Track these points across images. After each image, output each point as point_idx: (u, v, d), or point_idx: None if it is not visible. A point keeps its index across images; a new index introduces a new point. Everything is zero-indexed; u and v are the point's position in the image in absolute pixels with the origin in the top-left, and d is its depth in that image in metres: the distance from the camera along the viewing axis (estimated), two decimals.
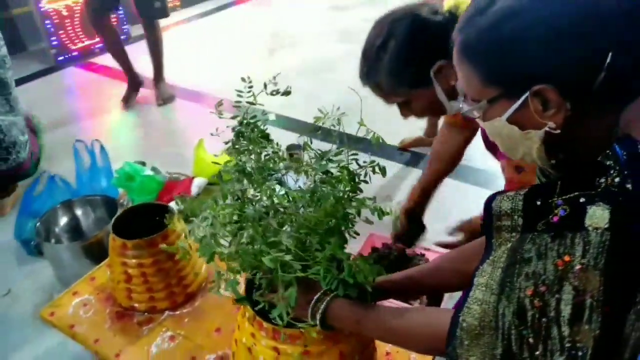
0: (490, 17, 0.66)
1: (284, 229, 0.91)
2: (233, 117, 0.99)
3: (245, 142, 1.01)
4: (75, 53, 4.34)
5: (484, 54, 0.68)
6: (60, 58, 4.25)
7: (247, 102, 0.99)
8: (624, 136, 0.62)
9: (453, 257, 0.96)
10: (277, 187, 1.01)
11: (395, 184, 2.49)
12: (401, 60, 1.17)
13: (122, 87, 3.81)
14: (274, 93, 1.01)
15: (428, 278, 1.01)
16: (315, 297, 0.93)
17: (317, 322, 0.94)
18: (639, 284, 0.56)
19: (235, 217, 0.92)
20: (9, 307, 1.87)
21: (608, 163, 0.61)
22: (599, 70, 0.61)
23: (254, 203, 0.93)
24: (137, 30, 4.90)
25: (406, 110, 1.25)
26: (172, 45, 4.64)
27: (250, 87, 0.99)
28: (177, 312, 1.47)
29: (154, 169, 2.32)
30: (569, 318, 0.58)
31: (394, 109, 1.35)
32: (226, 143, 1.05)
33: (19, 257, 2.08)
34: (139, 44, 4.72)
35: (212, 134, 1.02)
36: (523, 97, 0.65)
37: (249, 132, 0.99)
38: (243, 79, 0.99)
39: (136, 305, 1.47)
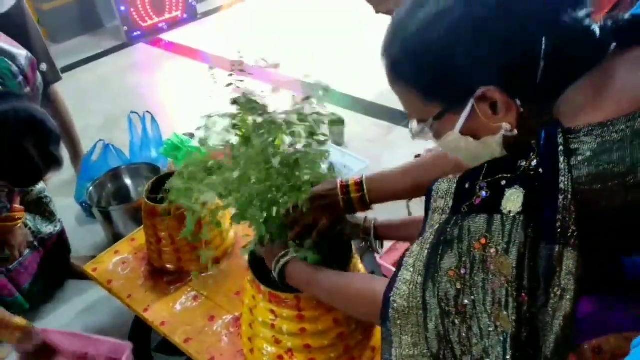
0: (412, 31, 0.62)
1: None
2: (228, 85, 1.04)
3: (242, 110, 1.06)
4: (144, 30, 4.58)
5: (415, 71, 0.64)
6: (131, 34, 4.49)
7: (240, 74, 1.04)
8: (554, 120, 0.59)
9: None
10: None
11: None
12: None
13: (184, 62, 4.00)
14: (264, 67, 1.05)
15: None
16: (280, 254, 0.99)
17: (276, 278, 0.99)
18: (554, 273, 0.55)
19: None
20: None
21: (533, 146, 0.59)
22: (537, 60, 0.57)
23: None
24: (203, 7, 5.08)
25: None
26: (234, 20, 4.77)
27: (241, 60, 1.04)
28: (203, 274, 1.57)
29: (200, 140, 2.43)
30: (489, 302, 0.57)
31: None
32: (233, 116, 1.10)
33: (79, 218, 2.29)
34: (204, 20, 4.90)
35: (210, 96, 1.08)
36: (469, 105, 0.62)
37: (245, 102, 1.04)
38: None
39: (166, 265, 1.58)
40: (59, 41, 4.53)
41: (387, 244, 1.86)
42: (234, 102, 1.04)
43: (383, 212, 1.11)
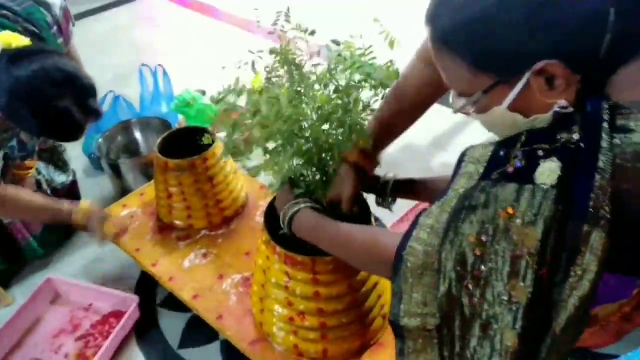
0: None
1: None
2: (270, 32, 0.98)
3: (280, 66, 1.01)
4: None
5: (468, 39, 0.59)
6: None
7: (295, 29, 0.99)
8: (602, 94, 0.57)
9: None
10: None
11: (453, 131, 2.39)
12: None
13: (196, 17, 3.90)
14: (303, 31, 1.00)
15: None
16: (292, 201, 0.96)
17: (285, 225, 0.96)
18: (578, 253, 0.53)
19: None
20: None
21: (576, 117, 0.56)
22: (603, 32, 0.53)
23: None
24: None
25: None
26: None
27: (287, 14, 0.99)
28: (212, 233, 1.55)
29: (212, 98, 2.38)
30: (507, 272, 0.56)
31: None
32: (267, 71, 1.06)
33: (87, 169, 2.26)
34: None
35: (250, 51, 1.02)
36: (524, 78, 0.58)
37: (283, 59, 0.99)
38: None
39: (176, 221, 1.55)
40: None
41: (396, 216, 1.84)
42: (272, 51, 1.00)
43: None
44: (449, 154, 2.28)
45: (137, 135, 2.12)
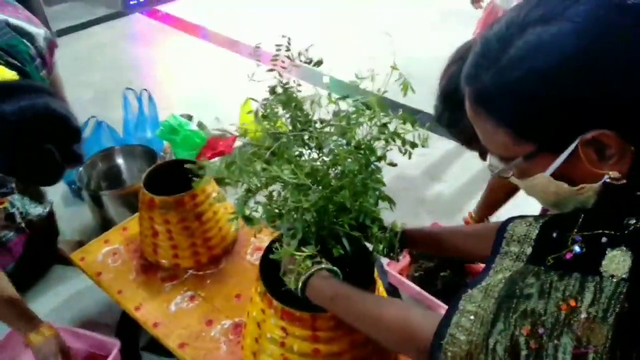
0: (513, 55, 0.52)
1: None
2: (270, 70, 0.92)
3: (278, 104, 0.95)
4: None
5: (511, 103, 0.54)
6: (128, 3, 4.29)
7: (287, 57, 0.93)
8: None
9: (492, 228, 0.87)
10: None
11: (448, 161, 2.35)
12: None
13: (182, 37, 3.83)
14: (307, 62, 0.94)
15: (460, 241, 0.94)
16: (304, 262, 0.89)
17: (298, 289, 0.89)
18: None
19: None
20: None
21: None
22: None
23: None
24: None
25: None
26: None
27: (288, 48, 0.93)
28: (201, 273, 1.46)
29: (199, 124, 2.30)
30: None
31: None
32: (264, 101, 0.99)
33: (66, 198, 2.15)
34: None
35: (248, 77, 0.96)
36: (571, 147, 0.53)
37: (282, 96, 0.93)
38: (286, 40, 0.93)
39: (161, 260, 1.47)
40: (50, 4, 4.31)
41: None
42: (272, 91, 0.94)
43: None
44: (443, 184, 2.23)
45: (120, 162, 2.03)
